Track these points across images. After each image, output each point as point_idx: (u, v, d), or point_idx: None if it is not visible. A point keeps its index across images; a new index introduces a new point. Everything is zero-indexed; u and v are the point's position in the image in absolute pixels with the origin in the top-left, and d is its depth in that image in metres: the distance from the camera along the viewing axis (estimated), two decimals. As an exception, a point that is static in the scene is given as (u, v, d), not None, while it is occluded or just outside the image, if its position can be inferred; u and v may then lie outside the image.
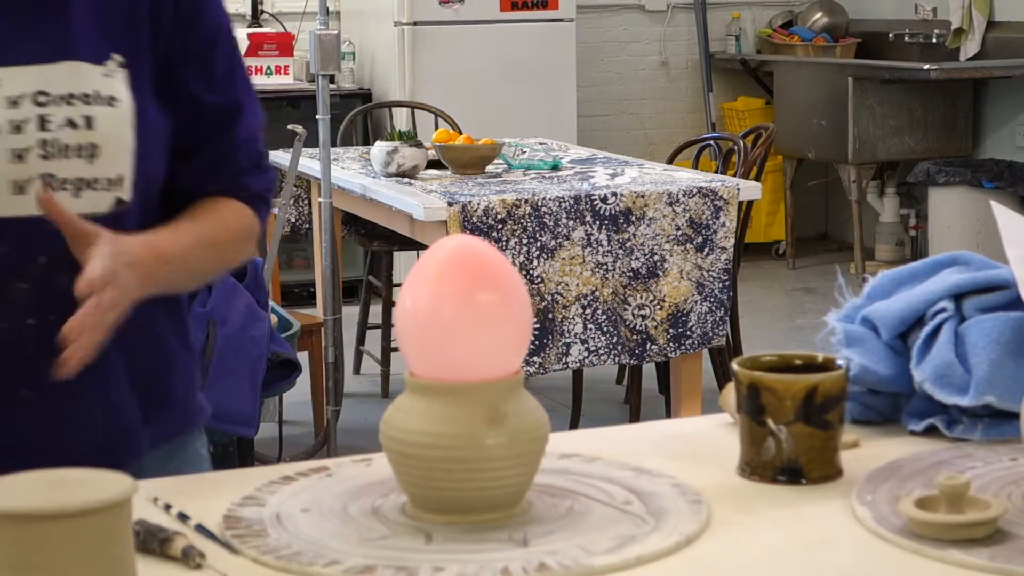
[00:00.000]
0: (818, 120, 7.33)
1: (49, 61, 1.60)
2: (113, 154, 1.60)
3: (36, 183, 1.56)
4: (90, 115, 1.59)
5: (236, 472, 1.50)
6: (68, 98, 1.59)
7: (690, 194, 4.15)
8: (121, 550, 1.10)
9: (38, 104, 1.58)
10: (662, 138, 8.07)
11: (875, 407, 1.64)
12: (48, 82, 1.59)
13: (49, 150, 1.57)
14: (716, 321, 4.20)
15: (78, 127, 1.59)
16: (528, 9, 6.98)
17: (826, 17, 8.19)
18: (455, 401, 1.33)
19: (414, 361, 1.36)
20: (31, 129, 1.57)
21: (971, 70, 7.04)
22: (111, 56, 1.63)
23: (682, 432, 1.67)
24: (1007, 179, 6.77)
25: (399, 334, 1.36)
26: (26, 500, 1.07)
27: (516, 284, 1.35)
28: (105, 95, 1.61)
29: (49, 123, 1.58)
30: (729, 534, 1.34)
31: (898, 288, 1.68)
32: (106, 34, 1.64)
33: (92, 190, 1.59)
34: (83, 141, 1.59)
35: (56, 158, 1.58)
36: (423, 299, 1.33)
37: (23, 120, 1.57)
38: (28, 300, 1.58)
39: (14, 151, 1.56)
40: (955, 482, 1.30)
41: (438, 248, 1.36)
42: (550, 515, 1.36)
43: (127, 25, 1.65)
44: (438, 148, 4.62)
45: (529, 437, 1.34)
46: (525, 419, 1.34)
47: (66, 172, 1.58)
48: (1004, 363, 1.55)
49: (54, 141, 1.57)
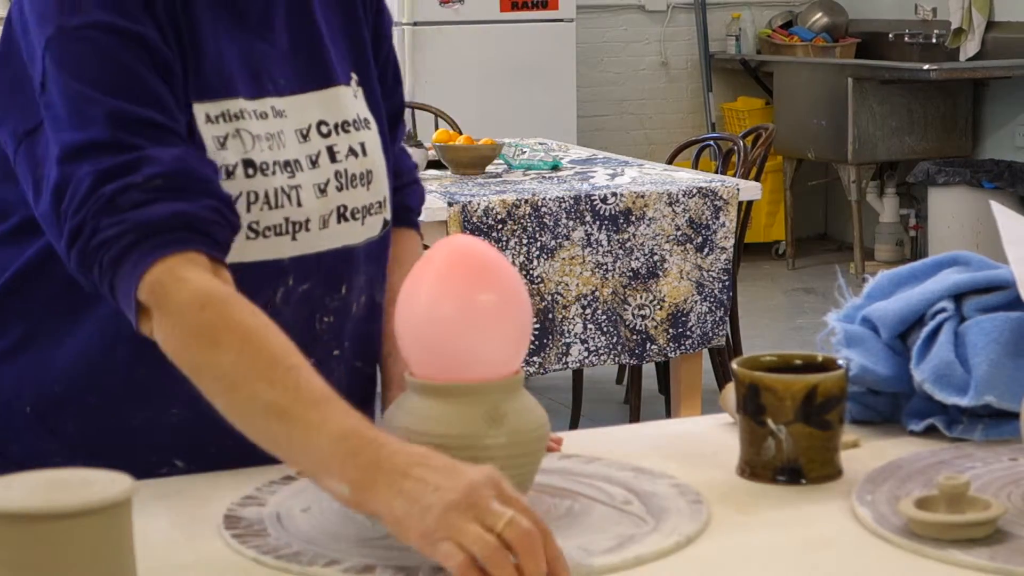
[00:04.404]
0: (818, 120, 7.33)
1: (319, 87, 1.57)
2: (380, 177, 1.60)
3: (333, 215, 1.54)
4: (363, 141, 1.58)
5: (236, 472, 1.49)
6: (343, 126, 1.57)
7: (690, 194, 4.15)
8: (121, 550, 1.10)
9: (322, 135, 1.55)
10: (662, 138, 8.07)
11: (875, 407, 1.64)
12: (324, 111, 1.56)
13: (342, 181, 1.56)
14: (716, 321, 4.20)
15: (358, 155, 1.57)
16: (528, 9, 6.98)
17: (826, 17, 8.19)
18: (455, 401, 1.32)
19: (414, 361, 1.36)
20: (325, 162, 1.55)
21: (971, 70, 7.04)
22: (351, 76, 1.61)
23: (682, 432, 1.67)
24: (1007, 179, 6.77)
25: (398, 334, 1.36)
26: (26, 500, 1.07)
27: (516, 284, 1.35)
28: (363, 118, 1.60)
29: (337, 154, 1.56)
30: (729, 534, 1.34)
31: (898, 288, 1.68)
32: (344, 53, 1.61)
33: (371, 215, 1.59)
34: (362, 168, 1.58)
35: (347, 189, 1.56)
36: (423, 299, 1.33)
37: (316, 153, 1.54)
38: (331, 333, 1.57)
39: (318, 186, 1.54)
40: (955, 482, 1.30)
41: (438, 248, 1.36)
42: (550, 515, 1.36)
43: (355, 42, 1.62)
44: (438, 148, 4.62)
45: (529, 437, 1.34)
46: (525, 418, 1.34)
47: (355, 201, 1.57)
48: (1004, 363, 1.55)
49: (344, 172, 1.56)
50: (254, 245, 1.49)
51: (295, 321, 1.52)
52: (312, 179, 1.53)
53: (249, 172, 1.48)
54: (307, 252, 1.53)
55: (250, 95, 1.51)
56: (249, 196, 1.48)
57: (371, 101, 1.63)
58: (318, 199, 1.53)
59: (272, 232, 1.50)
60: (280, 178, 1.50)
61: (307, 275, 1.54)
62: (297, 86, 1.55)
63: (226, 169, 1.47)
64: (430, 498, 1.17)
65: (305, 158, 1.53)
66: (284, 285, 1.52)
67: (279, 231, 1.51)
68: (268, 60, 1.54)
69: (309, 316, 1.55)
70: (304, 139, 1.54)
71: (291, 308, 1.53)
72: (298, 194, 1.51)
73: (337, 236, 1.56)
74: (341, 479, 1.22)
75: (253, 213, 1.48)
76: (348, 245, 1.57)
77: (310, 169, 1.53)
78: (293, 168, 1.51)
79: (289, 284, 1.53)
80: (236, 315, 1.31)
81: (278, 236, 1.51)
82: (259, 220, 1.49)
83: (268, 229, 1.50)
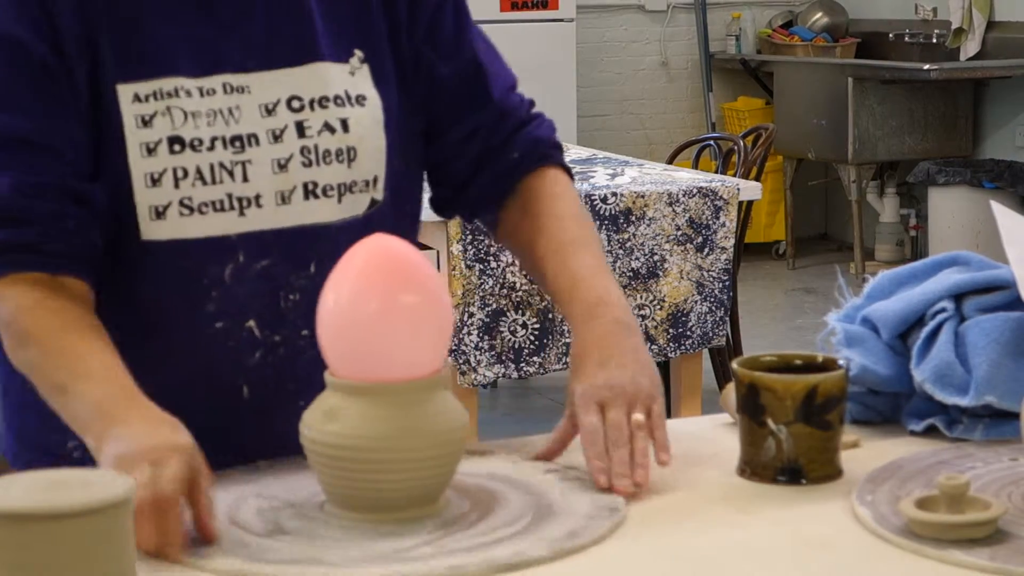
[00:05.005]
0: (818, 120, 7.32)
1: (296, 64, 1.57)
2: (368, 155, 1.58)
3: (299, 193, 1.54)
4: (344, 117, 1.57)
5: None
6: (321, 101, 1.56)
7: (690, 194, 4.15)
8: (121, 550, 1.10)
9: (292, 110, 1.55)
10: (662, 138, 8.07)
11: (875, 407, 1.64)
12: (298, 86, 1.56)
13: (310, 156, 1.55)
14: (716, 321, 4.20)
15: (335, 131, 1.56)
16: (528, 9, 6.98)
17: (826, 17, 8.19)
18: (374, 400, 1.33)
19: (334, 360, 1.36)
20: (290, 137, 1.55)
21: (971, 70, 7.04)
22: (353, 53, 1.60)
23: (682, 432, 1.67)
24: (1007, 179, 6.76)
25: (319, 334, 1.37)
26: (26, 500, 1.07)
27: (437, 285, 1.36)
28: (354, 95, 1.58)
29: (307, 129, 1.55)
30: (729, 534, 1.34)
31: (898, 288, 1.68)
32: (343, 31, 1.60)
33: (351, 193, 1.58)
34: (341, 145, 1.56)
35: (317, 165, 1.55)
36: (344, 299, 1.34)
37: (282, 128, 1.54)
38: (299, 312, 1.56)
39: (277, 161, 1.54)
40: (955, 482, 1.30)
41: (360, 248, 1.36)
42: (466, 512, 1.37)
43: (361, 19, 1.61)
44: (438, 148, 4.62)
45: (447, 438, 1.35)
46: (444, 419, 1.35)
47: (328, 178, 1.56)
48: (1004, 363, 1.55)
49: (314, 148, 1.55)
50: (192, 221, 1.52)
51: (254, 297, 1.54)
52: (270, 154, 1.54)
53: (175, 148, 1.51)
54: (261, 228, 1.54)
55: (194, 74, 1.53)
56: (176, 172, 1.51)
57: (380, 78, 1.61)
58: (276, 174, 1.54)
59: (211, 208, 1.52)
60: (221, 153, 1.52)
61: (263, 252, 1.54)
62: (265, 63, 1.56)
63: (146, 146, 1.50)
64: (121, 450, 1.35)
65: (266, 132, 1.54)
66: (233, 262, 1.54)
67: (219, 207, 1.52)
68: (224, 40, 1.55)
69: (271, 293, 1.55)
70: (269, 114, 1.55)
71: (247, 285, 1.54)
72: (245, 169, 1.53)
73: (303, 213, 1.55)
74: (90, 438, 1.40)
75: (183, 189, 1.51)
76: (319, 223, 1.56)
77: (270, 144, 1.54)
78: (244, 143, 1.53)
79: (239, 260, 1.54)
80: (40, 321, 1.47)
81: (219, 212, 1.52)
82: (191, 196, 1.51)
83: (205, 205, 1.52)
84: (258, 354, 1.56)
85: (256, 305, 1.55)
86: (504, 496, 1.42)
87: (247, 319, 1.55)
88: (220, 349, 1.55)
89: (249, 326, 1.55)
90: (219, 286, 1.53)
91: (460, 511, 1.38)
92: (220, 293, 1.54)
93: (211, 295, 1.54)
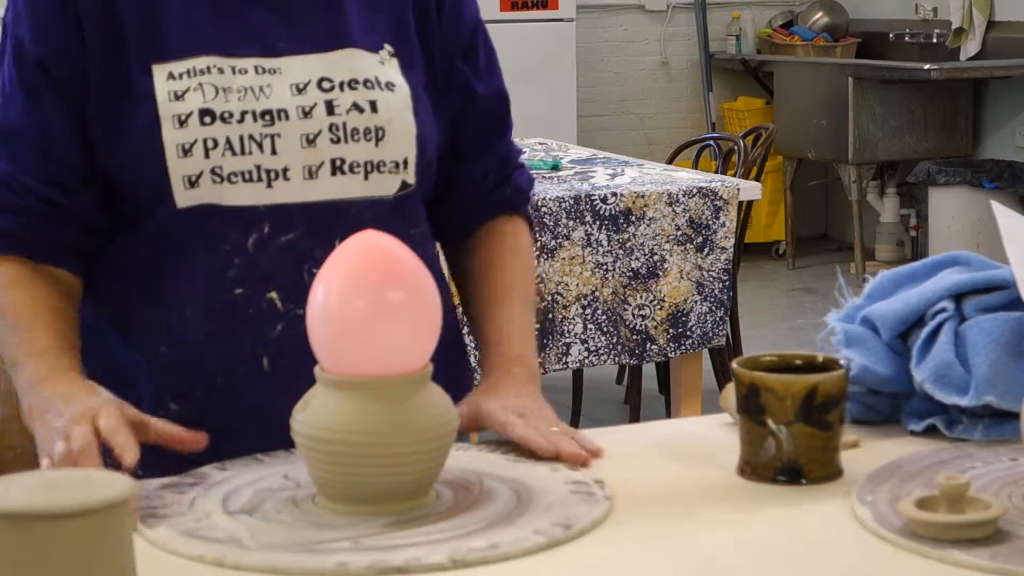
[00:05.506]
0: (818, 120, 7.32)
1: (329, 49, 1.63)
2: (398, 137, 1.63)
3: (327, 168, 1.60)
4: (374, 99, 1.62)
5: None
6: (351, 83, 1.62)
7: (690, 194, 4.15)
8: (121, 550, 1.10)
9: (323, 90, 1.61)
10: (662, 138, 8.07)
11: (875, 407, 1.64)
12: (329, 69, 1.62)
13: (338, 134, 1.60)
14: (716, 321, 4.20)
15: (364, 111, 1.62)
16: (528, 9, 6.98)
17: (826, 17, 8.19)
18: (362, 395, 1.35)
19: (323, 356, 1.37)
20: (320, 114, 1.60)
21: (971, 70, 7.04)
22: (383, 46, 1.66)
23: (682, 432, 1.67)
24: (1007, 179, 6.77)
25: (309, 329, 1.38)
26: (26, 500, 1.07)
27: (425, 281, 1.38)
28: (383, 81, 1.64)
29: (336, 108, 1.61)
30: (729, 534, 1.34)
31: (898, 288, 1.68)
32: (375, 26, 1.67)
33: (379, 172, 1.62)
34: (369, 124, 1.62)
35: (345, 142, 1.60)
36: (332, 294, 1.35)
37: (311, 105, 1.60)
38: None
39: (305, 136, 1.59)
40: (955, 482, 1.30)
41: (348, 244, 1.38)
42: (459, 504, 1.38)
43: (393, 19, 1.68)
44: (438, 148, 4.62)
45: (435, 433, 1.37)
46: (431, 414, 1.37)
47: (355, 155, 1.61)
48: (1004, 363, 1.55)
49: (342, 125, 1.60)
50: (222, 189, 1.57)
51: (277, 269, 1.59)
52: (299, 129, 1.59)
53: (205, 120, 1.57)
54: (288, 201, 1.59)
55: (228, 54, 1.60)
56: (207, 143, 1.57)
57: (409, 71, 1.67)
58: (304, 148, 1.59)
59: (240, 178, 1.58)
60: (250, 126, 1.58)
61: (289, 225, 1.59)
62: (298, 48, 1.62)
63: (178, 118, 1.57)
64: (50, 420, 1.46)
65: (296, 108, 1.59)
66: (258, 232, 1.59)
67: (248, 177, 1.58)
68: (258, 24, 1.62)
69: (296, 266, 1.60)
70: (299, 92, 1.60)
71: (271, 256, 1.59)
72: (273, 142, 1.58)
73: (330, 188, 1.60)
74: (25, 407, 1.52)
75: (213, 159, 1.57)
76: (345, 199, 1.61)
77: (299, 119, 1.59)
78: (274, 117, 1.59)
79: (264, 231, 1.59)
80: (8, 296, 1.58)
81: (248, 183, 1.58)
82: (221, 166, 1.57)
83: (234, 175, 1.58)
84: (280, 326, 1.59)
85: (279, 277, 1.59)
86: (490, 488, 1.43)
87: (268, 290, 1.59)
88: (240, 316, 1.59)
89: (271, 297, 1.59)
90: (241, 253, 1.59)
91: (447, 505, 1.39)
92: (242, 261, 1.59)
93: (233, 262, 1.59)
